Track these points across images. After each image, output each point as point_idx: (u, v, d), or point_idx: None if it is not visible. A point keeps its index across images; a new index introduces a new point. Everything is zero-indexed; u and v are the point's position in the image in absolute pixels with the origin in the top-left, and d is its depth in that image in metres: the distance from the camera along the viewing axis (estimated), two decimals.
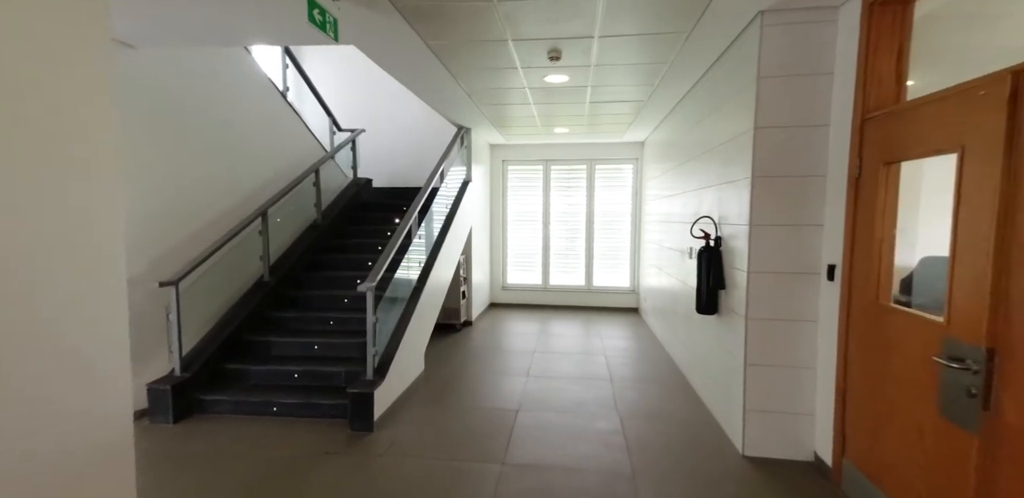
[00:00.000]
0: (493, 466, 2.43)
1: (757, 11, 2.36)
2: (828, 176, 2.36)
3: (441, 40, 2.77)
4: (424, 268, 4.05)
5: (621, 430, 2.85)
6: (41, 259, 0.98)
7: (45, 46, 0.98)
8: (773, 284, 2.47)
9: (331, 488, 2.24)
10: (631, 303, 6.59)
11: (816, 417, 2.43)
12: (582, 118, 4.88)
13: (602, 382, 3.69)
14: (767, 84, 2.41)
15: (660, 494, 2.19)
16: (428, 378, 3.79)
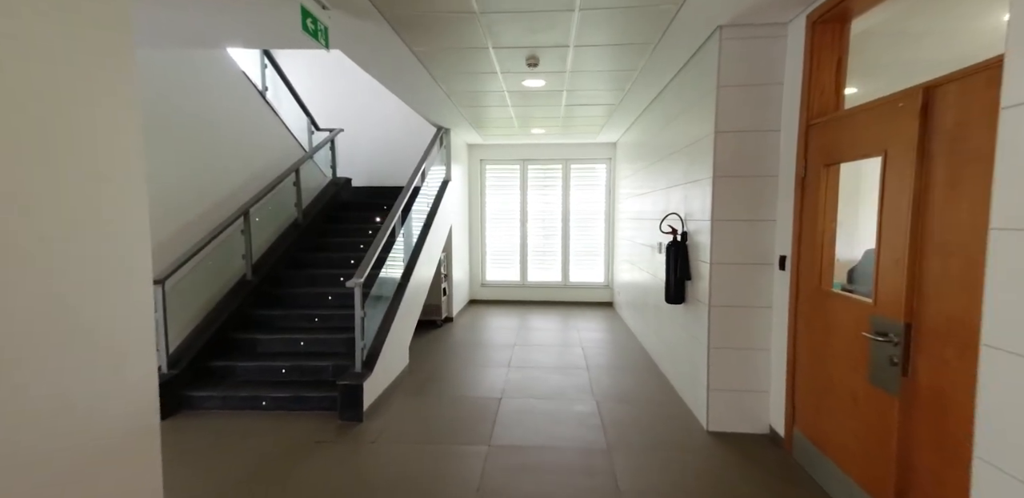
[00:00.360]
0: (480, 447, 2.60)
1: (716, 26, 2.60)
2: (780, 176, 2.61)
3: (425, 47, 2.91)
4: (407, 266, 4.18)
5: (597, 412, 3.06)
6: (77, 263, 1.09)
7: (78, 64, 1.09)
8: (733, 274, 2.71)
9: (325, 473, 2.36)
10: (606, 297, 6.85)
11: (771, 394, 2.69)
12: (558, 120, 5.08)
13: (579, 370, 3.90)
14: (726, 92, 2.65)
15: (632, 465, 2.40)
16: (413, 371, 3.92)
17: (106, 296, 1.17)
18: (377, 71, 3.38)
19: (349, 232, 5.16)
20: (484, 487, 2.22)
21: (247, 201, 4.06)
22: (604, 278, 6.87)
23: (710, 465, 2.41)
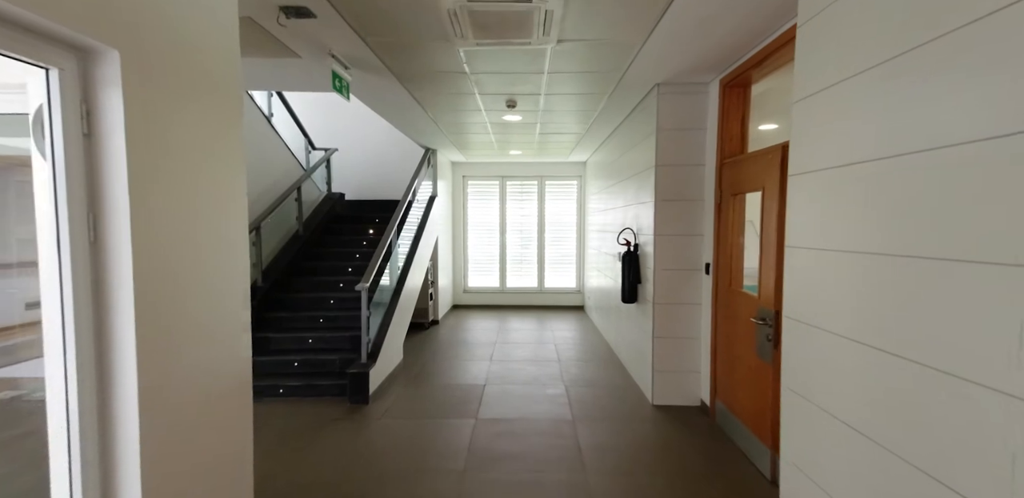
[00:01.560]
0: (469, 420, 3.19)
1: (654, 83, 3.31)
2: (705, 200, 3.32)
3: (423, 92, 3.54)
4: (401, 273, 4.75)
5: (566, 394, 3.69)
6: (217, 269, 1.65)
7: (208, 129, 1.66)
8: (672, 278, 3.40)
9: (343, 442, 2.91)
10: (577, 302, 7.52)
11: (700, 373, 3.37)
12: (533, 144, 5.76)
13: (552, 362, 4.53)
14: (663, 134, 3.35)
15: (591, 431, 3.03)
16: (407, 365, 4.48)
17: (229, 294, 1.74)
18: (380, 108, 3.99)
19: (344, 242, 5.70)
20: (473, 447, 2.81)
21: (258, 216, 4.58)
22: (576, 284, 7.54)
23: (652, 429, 3.06)
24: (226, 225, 1.73)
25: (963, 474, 0.98)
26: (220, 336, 1.70)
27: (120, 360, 1.32)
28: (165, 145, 1.42)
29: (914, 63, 1.10)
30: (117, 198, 1.29)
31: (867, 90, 1.26)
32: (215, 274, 1.67)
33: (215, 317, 1.68)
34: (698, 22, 2.27)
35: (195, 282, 1.57)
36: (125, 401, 1.33)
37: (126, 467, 1.33)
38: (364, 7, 2.16)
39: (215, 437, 1.68)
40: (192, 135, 1.55)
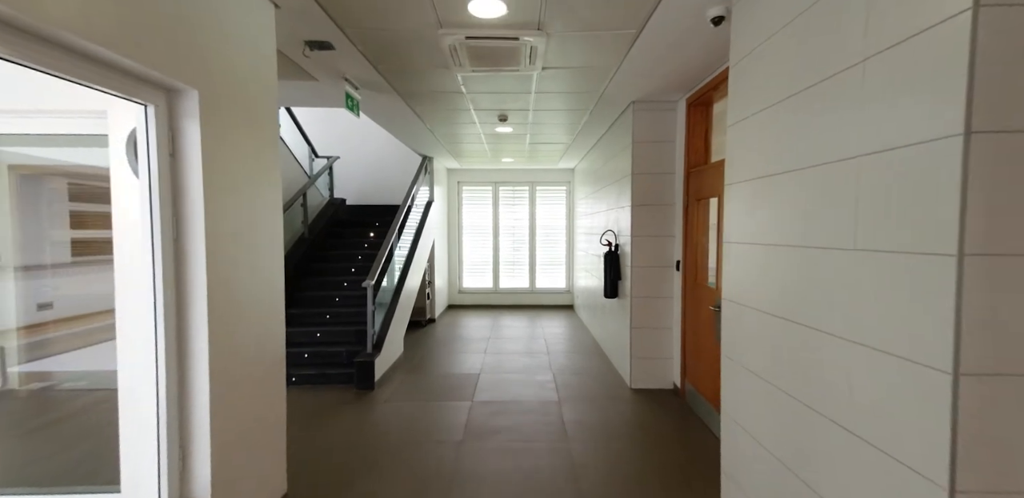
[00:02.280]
0: (466, 402, 3.55)
1: (630, 101, 3.72)
2: (675, 204, 3.73)
3: (423, 108, 3.92)
4: (402, 272, 5.11)
5: (553, 380, 4.06)
6: (266, 270, 2.01)
7: (254, 147, 2.03)
8: (647, 274, 3.79)
9: (353, 422, 3.26)
10: (567, 301, 7.90)
11: (673, 359, 3.76)
12: (523, 152, 6.16)
13: (542, 355, 4.90)
14: (638, 146, 3.76)
15: (575, 410, 3.40)
16: (407, 358, 4.83)
17: (270, 285, 2.10)
18: (384, 122, 4.37)
19: (347, 245, 6.05)
20: (471, 423, 3.17)
21: None
22: (566, 284, 7.93)
23: (628, 408, 3.44)
24: (267, 224, 2.10)
25: (822, 399, 1.38)
26: (263, 320, 2.06)
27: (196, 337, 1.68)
28: (226, 161, 1.80)
29: (810, 97, 1.50)
30: (194, 202, 1.66)
31: (775, 119, 1.66)
32: (260, 266, 2.04)
33: (261, 303, 2.04)
34: (662, 53, 2.68)
35: (246, 272, 1.94)
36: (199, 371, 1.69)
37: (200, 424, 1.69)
38: (377, 42, 2.54)
39: (260, 403, 2.04)
40: (244, 152, 1.92)
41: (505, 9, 2.15)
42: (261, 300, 2.05)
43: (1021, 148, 0.94)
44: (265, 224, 2.07)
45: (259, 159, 2.01)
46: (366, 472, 2.53)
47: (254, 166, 1.97)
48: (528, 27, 2.34)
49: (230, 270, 1.81)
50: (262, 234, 2.05)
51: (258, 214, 2.01)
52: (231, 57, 1.80)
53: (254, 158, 1.97)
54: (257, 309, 2.01)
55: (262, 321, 2.05)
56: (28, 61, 1.17)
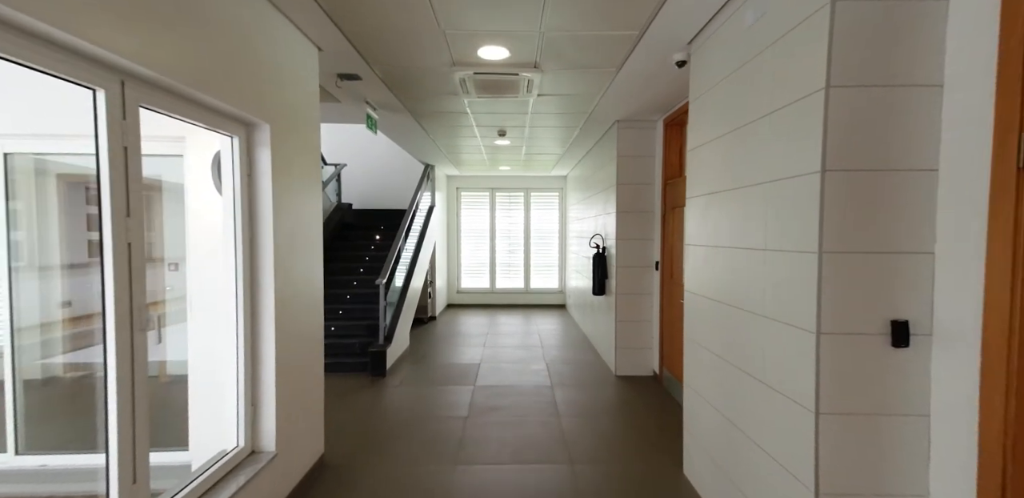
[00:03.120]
0: (468, 386, 4.00)
1: (615, 120, 4.20)
2: (655, 212, 4.21)
3: (430, 125, 4.39)
4: (407, 273, 5.55)
5: (546, 369, 4.51)
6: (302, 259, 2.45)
7: (304, 167, 2.47)
8: (630, 274, 4.27)
9: (368, 404, 3.69)
10: (560, 301, 8.37)
11: (652, 349, 4.23)
12: (519, 161, 6.64)
13: (536, 348, 5.36)
14: (622, 159, 4.24)
15: (565, 393, 3.86)
16: (413, 350, 5.26)
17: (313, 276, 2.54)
18: (395, 135, 4.83)
19: (354, 247, 6.48)
20: (473, 403, 3.62)
21: None
22: (559, 285, 8.40)
23: (612, 391, 3.90)
24: (312, 227, 2.55)
25: (748, 362, 1.85)
26: (308, 304, 2.51)
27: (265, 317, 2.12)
28: (286, 178, 2.25)
29: (741, 135, 1.98)
30: (265, 211, 2.10)
31: (719, 149, 2.15)
32: (307, 259, 2.49)
33: (306, 290, 2.49)
34: (639, 85, 3.16)
35: (298, 264, 2.39)
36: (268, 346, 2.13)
37: (267, 390, 2.13)
38: (398, 74, 3.00)
39: (306, 375, 2.49)
40: (297, 170, 2.38)
41: (508, 53, 2.62)
42: (307, 287, 2.49)
43: (856, 181, 1.42)
44: (310, 227, 2.52)
45: (306, 175, 2.46)
46: (388, 439, 2.97)
47: (303, 181, 2.42)
48: (526, 66, 2.82)
49: (288, 262, 2.25)
50: (308, 234, 2.49)
51: (305, 219, 2.46)
52: (289, 95, 2.25)
53: (302, 175, 2.42)
54: (305, 294, 2.45)
55: (307, 305, 2.49)
56: (168, 111, 1.62)
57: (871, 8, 1.38)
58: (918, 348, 1.41)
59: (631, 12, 2.15)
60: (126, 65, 1.35)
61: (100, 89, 1.34)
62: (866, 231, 1.42)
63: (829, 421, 1.44)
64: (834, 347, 1.44)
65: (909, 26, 1.38)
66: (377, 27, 2.33)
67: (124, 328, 1.41)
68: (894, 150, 1.41)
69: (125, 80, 1.41)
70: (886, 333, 1.42)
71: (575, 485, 2.43)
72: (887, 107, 1.40)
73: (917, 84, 1.39)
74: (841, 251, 1.43)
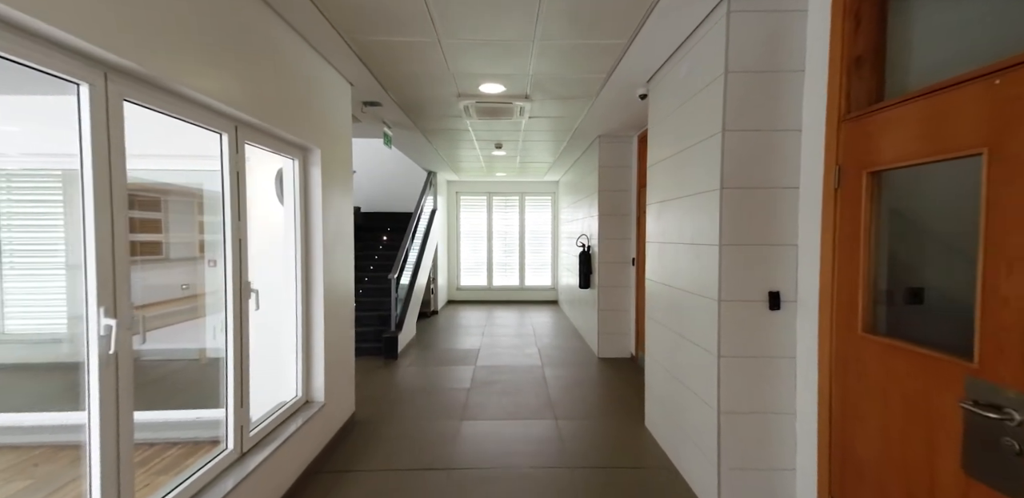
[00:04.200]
0: (470, 366, 4.61)
1: (596, 135, 4.84)
2: (631, 214, 4.85)
3: (436, 139, 5.01)
4: (414, 269, 6.17)
5: (538, 353, 5.13)
6: (338, 258, 3.05)
7: (342, 180, 3.08)
8: (611, 269, 4.90)
9: (385, 380, 4.30)
10: (552, 297, 8.99)
11: (630, 334, 4.87)
12: (515, 168, 7.27)
13: (529, 336, 5.98)
14: (603, 169, 4.88)
15: (553, 371, 4.48)
16: (419, 339, 5.87)
17: (347, 266, 3.15)
18: (404, 147, 5.45)
19: (364, 247, 7.08)
20: (475, 378, 4.23)
21: None
22: (551, 282, 9.02)
23: (594, 370, 4.53)
24: (346, 228, 3.17)
25: (682, 327, 2.48)
26: (343, 288, 3.12)
27: (316, 297, 2.73)
28: (331, 191, 2.87)
29: (680, 158, 2.62)
30: (316, 217, 2.72)
31: (668, 167, 2.78)
32: (343, 253, 3.11)
33: (342, 278, 3.11)
34: (613, 110, 3.79)
35: (337, 257, 3.01)
36: (318, 319, 2.74)
37: (317, 352, 2.74)
38: (411, 101, 3.62)
39: (342, 345, 3.10)
40: (336, 184, 3.00)
41: (503, 88, 3.26)
42: (344, 274, 3.10)
43: (744, 195, 2.05)
44: (345, 227, 3.14)
45: (343, 187, 3.08)
46: (404, 404, 3.59)
47: (341, 191, 3.04)
48: (519, 97, 3.45)
49: (331, 255, 2.86)
50: (344, 233, 3.11)
51: (342, 221, 3.07)
52: (332, 124, 2.87)
53: (341, 187, 3.04)
54: (342, 280, 3.06)
55: (344, 289, 3.10)
56: (261, 145, 2.23)
57: (752, 78, 2.02)
58: (786, 310, 2.05)
59: (599, 61, 2.78)
60: (238, 115, 1.96)
61: (225, 133, 1.96)
62: (751, 230, 2.06)
63: (727, 362, 2.07)
64: (730, 310, 2.07)
65: (778, 90, 2.02)
66: (399, 69, 2.95)
67: (237, 299, 2.02)
68: (769, 174, 2.04)
69: (238, 125, 2.03)
70: (765, 300, 2.05)
71: (559, 434, 3.06)
72: (765, 145, 2.04)
73: (784, 129, 2.03)
74: (734, 244, 2.06)
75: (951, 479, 1.36)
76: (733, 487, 2.08)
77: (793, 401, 2.06)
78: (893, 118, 1.57)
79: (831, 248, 1.83)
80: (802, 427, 2.01)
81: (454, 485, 2.43)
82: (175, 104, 1.66)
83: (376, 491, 2.37)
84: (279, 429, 2.38)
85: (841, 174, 1.79)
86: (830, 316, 1.84)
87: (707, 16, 2.18)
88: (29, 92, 1.99)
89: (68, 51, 1.24)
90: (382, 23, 2.29)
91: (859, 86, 1.77)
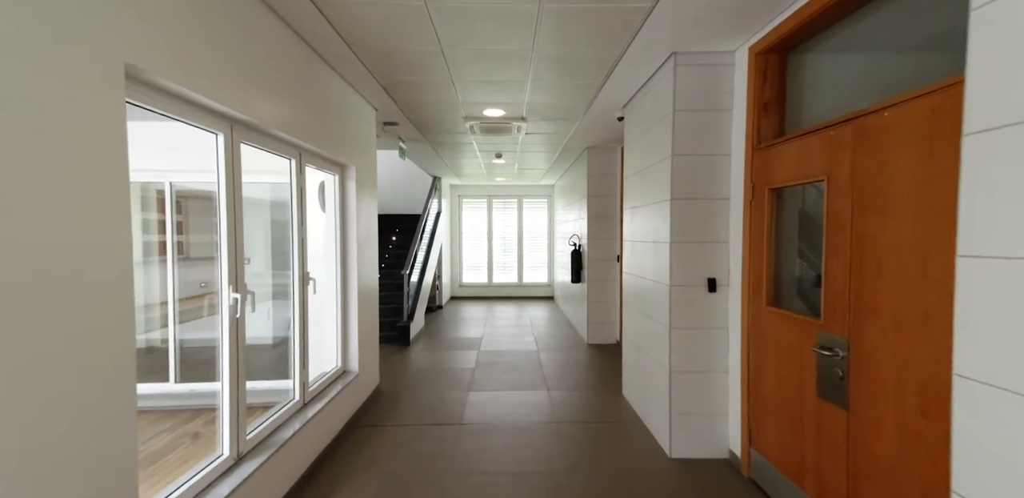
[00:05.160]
0: (473, 351, 5.23)
1: (585, 147, 5.47)
2: (616, 217, 5.48)
3: (443, 149, 5.64)
4: (422, 267, 6.79)
5: (535, 341, 5.76)
6: (364, 259, 3.67)
7: (368, 190, 3.71)
8: (599, 266, 5.53)
9: (401, 362, 4.92)
10: (548, 293, 9.62)
11: (615, 323, 5.50)
12: (513, 174, 7.89)
13: (526, 327, 6.60)
14: (591, 177, 5.51)
15: (548, 354, 5.11)
16: (427, 329, 6.50)
17: (372, 260, 3.76)
18: (414, 157, 6.08)
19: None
20: (479, 360, 4.85)
21: None
22: (547, 280, 9.65)
23: (584, 354, 5.15)
24: (372, 231, 3.79)
25: (647, 309, 3.11)
26: (372, 284, 3.75)
27: (351, 287, 3.36)
28: (363, 200, 3.49)
29: (644, 173, 3.25)
30: (352, 222, 3.34)
31: (637, 180, 3.40)
32: (371, 253, 3.73)
33: (371, 275, 3.73)
34: (597, 128, 4.42)
35: (365, 253, 3.63)
36: (353, 303, 3.37)
37: (352, 331, 3.37)
38: (424, 122, 4.25)
39: (369, 325, 3.72)
40: (366, 193, 3.62)
41: (503, 112, 3.88)
42: (371, 269, 3.72)
43: (689, 205, 2.68)
44: (372, 229, 3.75)
45: (371, 196, 3.70)
46: (420, 379, 4.21)
47: (369, 200, 3.66)
48: (516, 118, 4.07)
49: (362, 253, 3.48)
50: (371, 234, 3.72)
51: (370, 224, 3.69)
52: (361, 143, 3.49)
53: (369, 196, 3.66)
54: (370, 274, 3.68)
55: (371, 281, 3.72)
56: (312, 164, 2.85)
57: (694, 115, 2.65)
58: (721, 292, 2.67)
59: (581, 95, 3.41)
60: (301, 144, 2.58)
61: (293, 158, 2.58)
62: (694, 231, 2.68)
63: (676, 332, 2.70)
64: (679, 293, 2.69)
65: (713, 125, 2.65)
66: (417, 98, 3.57)
67: (302, 284, 2.64)
68: (707, 188, 2.67)
69: (302, 152, 2.65)
70: (705, 285, 2.68)
71: (550, 400, 3.68)
72: (704, 166, 2.66)
73: (718, 154, 2.65)
74: (682, 241, 2.69)
75: (812, 402, 1.99)
76: (680, 428, 2.71)
77: (726, 361, 2.68)
78: (782, 150, 2.20)
79: (747, 245, 2.46)
80: (731, 381, 2.64)
81: (465, 433, 3.05)
82: (269, 142, 2.29)
83: (404, 438, 2.99)
84: (327, 390, 3.00)
85: (753, 189, 2.42)
86: (747, 295, 2.47)
87: (660, 66, 2.81)
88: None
89: (210, 111, 1.86)
90: (408, 67, 2.91)
91: (766, 124, 2.40)
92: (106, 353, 1.26)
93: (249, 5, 1.97)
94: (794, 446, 2.12)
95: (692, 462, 2.68)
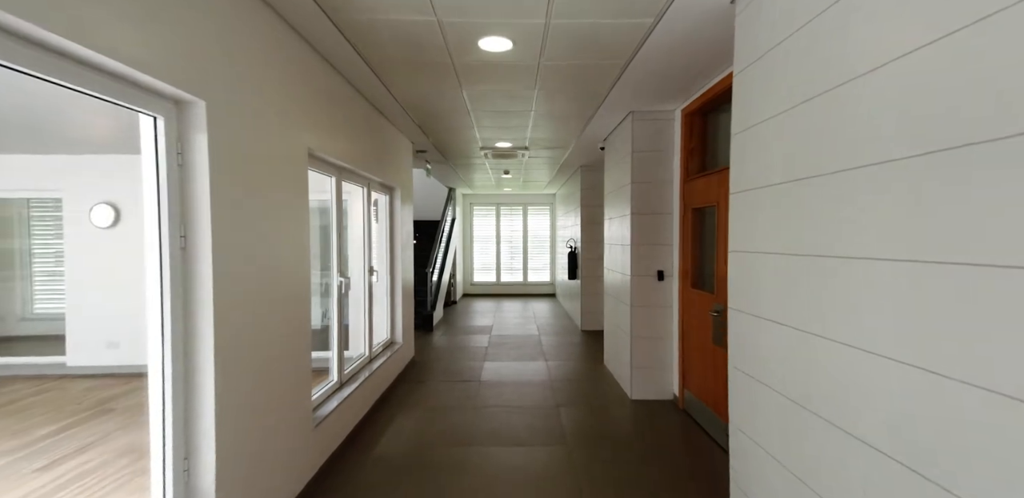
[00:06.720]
0: (486, 335, 6.32)
1: (580, 165, 6.56)
2: (603, 223, 6.55)
3: (460, 168, 6.76)
4: (440, 266, 7.90)
5: (537, 329, 6.84)
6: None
7: (405, 212, 4.79)
8: (590, 265, 6.61)
9: (427, 342, 6.01)
10: (550, 291, 10.69)
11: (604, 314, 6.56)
12: (519, 184, 9.00)
13: (530, 318, 7.69)
14: (584, 190, 6.60)
15: (548, 338, 6.18)
16: (445, 319, 7.60)
17: (410, 268, 4.85)
18: (435, 173, 7.21)
19: None
20: (491, 342, 5.94)
21: None
22: (550, 279, 10.72)
23: (578, 338, 6.22)
24: (410, 237, 4.92)
25: (618, 295, 4.20)
26: (409, 280, 4.85)
27: (398, 283, 4.46)
28: (404, 213, 4.61)
29: (615, 193, 4.35)
30: (399, 231, 4.47)
31: (614, 196, 4.49)
32: (409, 254, 4.85)
33: (408, 272, 4.84)
34: (586, 152, 5.51)
35: (407, 256, 4.75)
36: (399, 295, 4.48)
37: (398, 312, 4.48)
38: (449, 149, 5.36)
39: (408, 313, 4.83)
40: (407, 208, 4.75)
41: (511, 144, 4.99)
42: (409, 267, 4.81)
43: (645, 218, 3.75)
44: (409, 236, 4.85)
45: (408, 210, 4.80)
46: (445, 354, 5.31)
47: (408, 212, 4.76)
48: (521, 148, 5.18)
49: (404, 254, 4.58)
50: (408, 239, 4.82)
51: (408, 232, 4.79)
52: (403, 169, 4.59)
53: (407, 210, 4.76)
54: (408, 271, 4.77)
55: (408, 277, 4.81)
56: (356, 183, 3.96)
57: (647, 155, 3.73)
58: (667, 281, 3.74)
59: (569, 133, 4.51)
60: (370, 176, 3.69)
61: (364, 186, 3.69)
62: (648, 236, 3.76)
63: (635, 309, 3.77)
64: (636, 281, 3.77)
65: (660, 161, 3.73)
66: (444, 135, 4.68)
67: (367, 275, 3.75)
68: (657, 206, 3.74)
69: (370, 182, 3.76)
70: (655, 275, 3.75)
71: (547, 367, 4.76)
72: (654, 189, 3.74)
73: (664, 181, 3.74)
74: (639, 244, 3.77)
75: (711, 347, 3.07)
76: (638, 378, 3.78)
77: (671, 328, 3.75)
78: (698, 183, 3.28)
79: (682, 247, 3.54)
80: (672, 343, 3.71)
81: (484, 386, 4.14)
82: (354, 178, 3.40)
83: (438, 389, 4.08)
84: (384, 351, 4.10)
85: (684, 208, 3.51)
86: (682, 281, 3.54)
87: (624, 119, 3.90)
88: None
89: (325, 163, 2.97)
90: (441, 118, 4.02)
91: (692, 163, 3.49)
92: (301, 308, 2.37)
93: (353, 98, 3.09)
94: (706, 382, 3.19)
95: (646, 402, 3.74)
